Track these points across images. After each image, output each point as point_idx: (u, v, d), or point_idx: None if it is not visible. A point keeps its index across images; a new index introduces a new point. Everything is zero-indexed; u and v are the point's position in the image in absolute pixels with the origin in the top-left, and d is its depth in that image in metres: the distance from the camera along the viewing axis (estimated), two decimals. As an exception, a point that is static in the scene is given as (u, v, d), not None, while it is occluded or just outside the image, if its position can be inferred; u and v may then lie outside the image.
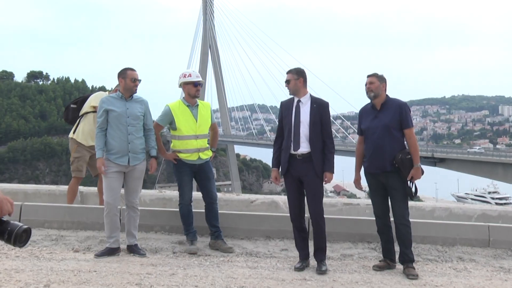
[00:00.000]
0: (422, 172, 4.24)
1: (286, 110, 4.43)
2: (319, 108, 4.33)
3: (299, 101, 4.38)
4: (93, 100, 5.90)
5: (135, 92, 4.63)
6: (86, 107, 5.96)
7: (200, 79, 4.90)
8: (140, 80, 4.62)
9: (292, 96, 4.44)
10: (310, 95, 4.42)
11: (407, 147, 4.31)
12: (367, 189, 4.58)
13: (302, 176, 4.30)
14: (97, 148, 4.51)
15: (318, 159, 4.26)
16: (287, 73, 4.43)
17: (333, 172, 4.31)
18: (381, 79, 4.36)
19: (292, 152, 4.31)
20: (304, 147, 4.28)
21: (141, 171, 4.68)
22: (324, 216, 4.35)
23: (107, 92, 6.06)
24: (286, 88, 4.40)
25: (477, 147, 64.11)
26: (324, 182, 4.33)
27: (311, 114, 4.29)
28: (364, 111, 4.53)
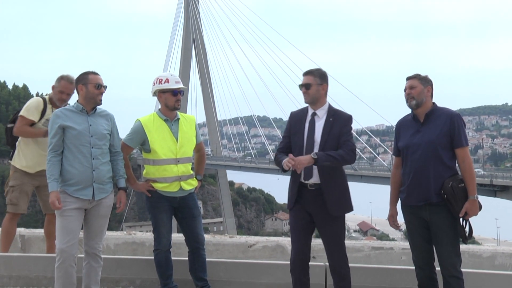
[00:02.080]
0: (480, 207, 4.23)
1: (297, 124, 4.42)
2: (335, 122, 4.30)
3: (314, 113, 4.38)
4: (24, 110, 5.71)
5: (100, 103, 4.66)
6: None
7: (181, 85, 4.95)
8: (105, 87, 4.67)
9: (306, 105, 4.44)
10: (329, 105, 4.41)
11: (459, 172, 4.32)
12: (404, 227, 4.58)
13: (314, 213, 4.30)
14: (50, 178, 4.44)
15: (330, 192, 4.23)
16: (307, 74, 4.40)
17: (318, 162, 4.07)
18: (425, 82, 4.40)
19: (303, 181, 4.31)
20: (318, 175, 4.27)
21: (108, 207, 4.69)
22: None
23: (47, 96, 5.88)
24: (304, 93, 4.36)
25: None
26: (290, 164, 4.05)
27: (324, 131, 4.28)
28: (402, 124, 4.56)
